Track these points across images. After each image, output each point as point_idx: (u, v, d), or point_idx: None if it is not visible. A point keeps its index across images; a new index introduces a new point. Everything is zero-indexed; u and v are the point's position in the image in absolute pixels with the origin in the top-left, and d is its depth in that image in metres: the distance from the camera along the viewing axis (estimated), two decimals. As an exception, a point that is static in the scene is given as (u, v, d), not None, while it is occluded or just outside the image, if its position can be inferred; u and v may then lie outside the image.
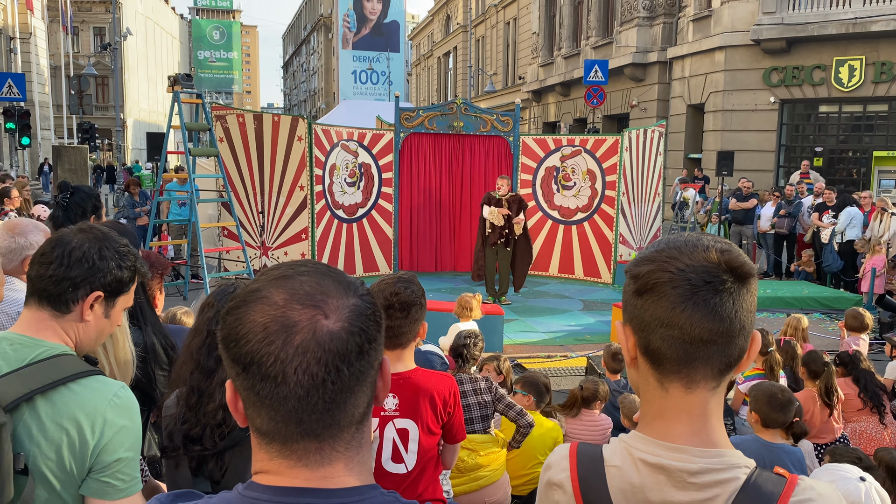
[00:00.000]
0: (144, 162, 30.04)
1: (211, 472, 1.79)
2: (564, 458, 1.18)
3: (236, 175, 10.70)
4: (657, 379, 1.11)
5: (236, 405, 0.94)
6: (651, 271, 1.08)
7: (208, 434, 1.79)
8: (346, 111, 21.13)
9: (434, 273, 12.24)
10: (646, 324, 1.09)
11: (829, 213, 11.98)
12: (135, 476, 1.63)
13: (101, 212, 3.61)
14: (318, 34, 69.45)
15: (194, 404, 1.83)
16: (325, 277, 0.94)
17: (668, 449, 1.07)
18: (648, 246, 1.14)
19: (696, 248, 1.07)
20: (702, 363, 1.07)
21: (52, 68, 34.72)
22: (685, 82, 19.81)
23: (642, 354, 1.12)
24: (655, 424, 1.11)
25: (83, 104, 23.97)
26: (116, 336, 1.97)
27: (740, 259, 1.07)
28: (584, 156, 12.05)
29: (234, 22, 72.05)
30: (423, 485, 2.40)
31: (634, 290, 1.11)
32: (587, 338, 8.70)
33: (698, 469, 1.05)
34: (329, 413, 0.90)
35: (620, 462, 1.11)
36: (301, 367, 0.87)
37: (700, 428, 1.09)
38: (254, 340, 0.88)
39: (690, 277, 1.05)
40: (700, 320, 1.04)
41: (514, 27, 34.64)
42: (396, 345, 2.38)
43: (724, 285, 1.05)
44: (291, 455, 0.91)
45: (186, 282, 10.36)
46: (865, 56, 16.29)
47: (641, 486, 1.07)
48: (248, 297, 0.91)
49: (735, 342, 1.07)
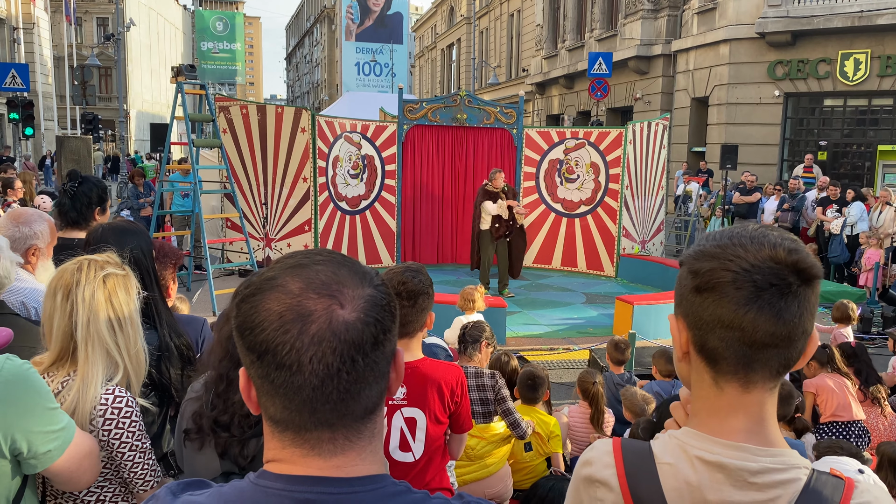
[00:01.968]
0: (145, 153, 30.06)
1: (235, 458, 1.81)
2: (608, 453, 1.12)
3: (239, 166, 10.70)
4: (712, 377, 1.06)
5: (250, 393, 0.94)
6: (714, 269, 1.02)
7: (236, 423, 1.80)
8: (349, 103, 21.09)
9: (436, 265, 12.24)
10: (704, 322, 1.04)
11: (833, 207, 11.96)
12: None
13: (106, 204, 3.63)
14: (321, 25, 69.28)
15: (223, 391, 1.84)
16: (340, 267, 0.93)
17: (727, 447, 1.03)
18: (707, 238, 1.08)
19: (762, 245, 1.02)
20: (760, 365, 1.03)
21: (55, 59, 34.72)
22: (689, 75, 19.74)
23: (697, 352, 1.07)
24: (710, 422, 1.06)
25: (86, 95, 23.92)
26: (128, 332, 1.97)
27: (808, 260, 1.01)
28: (587, 149, 12.03)
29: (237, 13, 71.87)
30: (431, 474, 2.42)
31: (694, 287, 1.04)
32: (590, 331, 8.71)
33: (759, 468, 1.01)
34: (343, 403, 0.90)
35: (673, 459, 1.06)
36: (316, 356, 0.87)
37: (758, 427, 1.05)
38: (269, 329, 0.87)
39: (756, 279, 1.00)
40: (763, 324, 1.00)
41: (517, 19, 34.53)
42: (403, 334, 2.39)
43: (791, 288, 1.00)
44: (304, 444, 0.91)
45: (190, 273, 10.38)
46: (871, 49, 16.22)
47: (699, 485, 1.02)
48: (264, 285, 0.91)
49: (796, 345, 1.03)
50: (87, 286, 1.91)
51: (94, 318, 1.90)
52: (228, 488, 0.93)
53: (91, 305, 1.90)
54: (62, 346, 1.91)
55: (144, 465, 1.95)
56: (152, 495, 0.98)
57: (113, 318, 1.93)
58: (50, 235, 2.91)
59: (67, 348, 1.91)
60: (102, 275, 1.94)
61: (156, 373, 2.24)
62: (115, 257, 2.05)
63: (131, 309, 1.99)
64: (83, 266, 1.95)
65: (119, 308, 1.95)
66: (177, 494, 0.95)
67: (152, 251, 2.53)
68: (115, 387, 1.92)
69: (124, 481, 1.97)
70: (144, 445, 1.96)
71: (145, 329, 2.29)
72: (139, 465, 1.94)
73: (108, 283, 1.94)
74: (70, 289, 1.91)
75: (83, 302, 1.90)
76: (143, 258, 2.43)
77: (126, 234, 2.46)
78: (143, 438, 1.96)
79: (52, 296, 1.93)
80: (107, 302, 1.93)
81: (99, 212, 3.55)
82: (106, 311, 1.92)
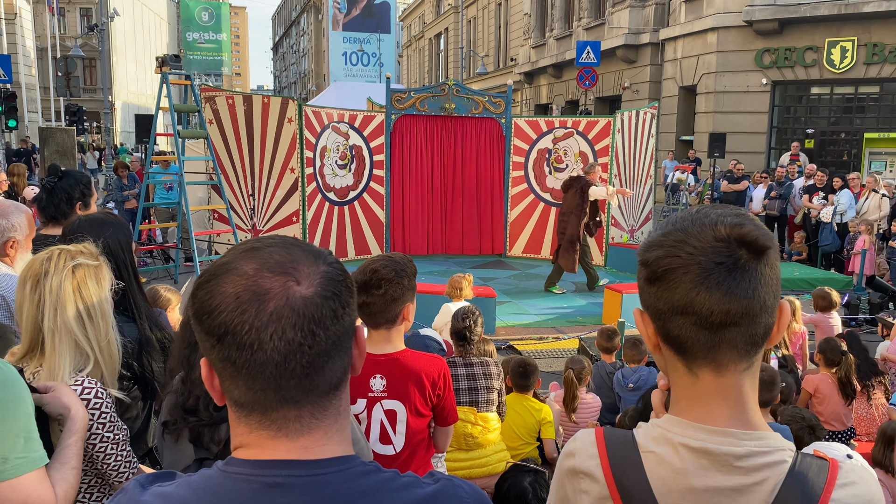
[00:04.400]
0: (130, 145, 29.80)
1: (208, 445, 1.79)
2: (591, 444, 1.10)
3: (226, 157, 10.61)
4: (685, 365, 1.05)
5: (213, 382, 0.94)
6: (659, 258, 1.02)
7: (202, 405, 1.79)
8: (336, 93, 20.98)
9: (426, 256, 12.21)
10: (661, 312, 1.03)
11: (820, 194, 12.02)
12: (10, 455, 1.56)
13: (89, 199, 3.44)
14: (307, 15, 68.80)
15: (185, 376, 1.83)
16: (293, 248, 0.94)
17: (711, 432, 1.02)
18: (655, 228, 1.07)
19: (703, 226, 1.00)
20: (727, 346, 1.01)
21: (38, 50, 34.32)
22: (677, 64, 19.75)
23: (664, 343, 1.07)
24: (692, 409, 1.05)
25: (70, 86, 23.68)
26: (98, 323, 1.94)
27: (754, 232, 0.99)
28: (576, 138, 12.02)
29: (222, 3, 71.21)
30: (414, 467, 2.39)
31: (646, 279, 1.05)
32: (579, 319, 8.72)
33: (744, 452, 1.00)
34: (307, 378, 0.90)
35: (658, 447, 1.05)
36: (276, 333, 0.87)
37: (739, 411, 1.04)
38: (226, 311, 0.88)
39: (700, 261, 0.98)
40: (716, 304, 0.98)
41: (505, 8, 34.41)
42: (376, 324, 2.33)
43: (738, 263, 0.98)
44: (271, 425, 0.91)
45: (177, 265, 10.31)
46: (857, 37, 16.28)
47: (684, 472, 1.02)
48: (218, 270, 0.92)
49: (758, 320, 1.00)
50: (55, 276, 1.88)
51: (61, 308, 1.87)
52: (196, 477, 0.93)
53: (59, 295, 1.87)
54: (31, 336, 1.89)
55: (118, 456, 1.92)
56: (121, 488, 0.97)
57: (82, 309, 1.90)
58: (28, 227, 2.85)
59: (37, 339, 1.89)
60: (72, 265, 1.91)
61: (137, 366, 2.21)
62: (90, 247, 2.01)
63: (102, 300, 1.95)
64: (53, 256, 1.92)
65: (89, 298, 1.92)
66: (145, 486, 0.95)
67: (131, 243, 2.48)
68: (84, 378, 1.88)
69: (100, 473, 1.95)
70: (117, 437, 1.93)
71: (125, 322, 2.25)
72: (112, 456, 1.91)
73: (77, 274, 1.91)
74: (38, 279, 1.88)
75: (50, 292, 1.87)
76: (120, 250, 2.39)
77: (104, 226, 2.41)
78: (116, 430, 1.93)
79: (21, 286, 1.90)
80: (75, 292, 1.90)
81: (81, 206, 3.40)
82: (74, 301, 1.89)
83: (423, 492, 0.96)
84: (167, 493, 0.92)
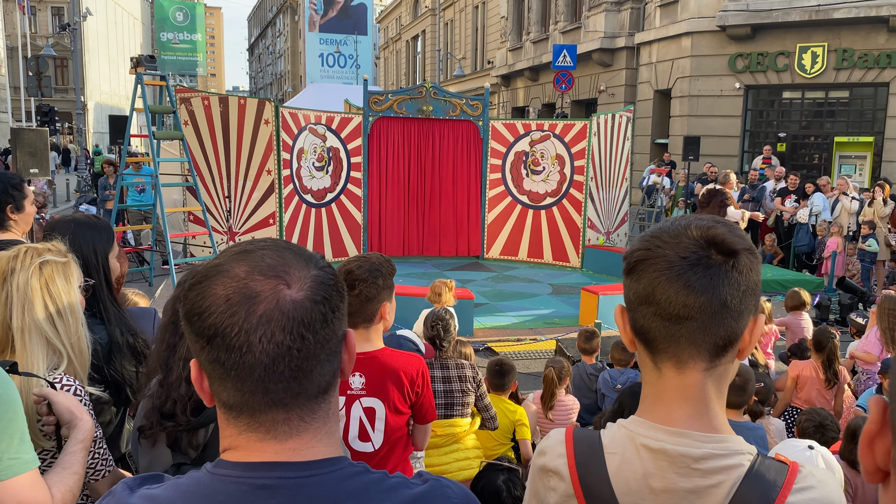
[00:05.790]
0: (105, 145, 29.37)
1: (186, 449, 1.78)
2: (560, 443, 1.14)
3: (202, 159, 10.52)
4: (651, 359, 1.09)
5: (202, 383, 0.94)
6: (634, 251, 1.09)
7: (179, 409, 1.77)
8: (313, 94, 20.88)
9: (402, 257, 12.21)
10: (631, 302, 1.09)
11: (792, 197, 12.21)
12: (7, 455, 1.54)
13: (21, 202, 3.11)
14: (283, 16, 68.42)
15: (163, 379, 1.82)
16: (285, 251, 0.95)
17: (671, 434, 1.04)
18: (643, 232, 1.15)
19: (680, 227, 1.07)
20: (686, 341, 1.04)
21: (8, 49, 33.71)
22: (652, 68, 19.96)
23: (634, 335, 1.11)
24: (656, 409, 1.08)
25: (42, 86, 23.30)
26: (68, 320, 1.91)
27: (724, 234, 1.04)
28: (552, 140, 12.10)
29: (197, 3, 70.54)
30: (392, 464, 2.41)
31: (623, 271, 1.11)
32: (556, 321, 8.77)
33: (702, 455, 1.02)
34: (296, 381, 0.90)
35: (621, 448, 1.08)
36: (266, 336, 0.87)
37: (700, 412, 1.06)
38: (217, 312, 0.88)
39: (667, 254, 1.04)
40: (674, 295, 1.02)
41: (482, 11, 34.51)
42: (354, 323, 2.33)
43: (703, 260, 1.03)
44: (260, 427, 0.91)
45: (152, 268, 10.20)
46: (828, 43, 16.57)
47: (643, 473, 1.04)
48: (210, 271, 0.92)
49: (718, 319, 1.03)
50: (22, 273, 1.84)
51: (28, 306, 1.83)
52: (185, 479, 0.93)
53: (26, 293, 1.83)
54: (1, 336, 1.85)
55: (95, 454, 1.90)
56: (109, 491, 0.96)
57: (51, 306, 1.87)
58: None
59: (6, 338, 1.85)
60: (39, 261, 1.88)
61: (107, 368, 2.18)
62: (59, 245, 1.97)
63: (71, 297, 1.92)
64: (20, 253, 1.88)
65: (58, 296, 1.88)
66: (134, 489, 0.95)
67: (108, 247, 2.40)
68: (61, 375, 1.87)
69: None
70: (95, 434, 1.91)
71: (96, 324, 2.22)
72: (90, 453, 1.89)
73: (44, 271, 1.88)
74: (5, 276, 1.84)
75: (17, 290, 1.83)
76: (92, 254, 2.31)
77: (79, 226, 2.36)
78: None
79: None
80: (43, 289, 1.86)
81: (12, 210, 3.10)
82: (42, 298, 1.85)
83: (411, 492, 0.96)
84: (156, 495, 0.92)
